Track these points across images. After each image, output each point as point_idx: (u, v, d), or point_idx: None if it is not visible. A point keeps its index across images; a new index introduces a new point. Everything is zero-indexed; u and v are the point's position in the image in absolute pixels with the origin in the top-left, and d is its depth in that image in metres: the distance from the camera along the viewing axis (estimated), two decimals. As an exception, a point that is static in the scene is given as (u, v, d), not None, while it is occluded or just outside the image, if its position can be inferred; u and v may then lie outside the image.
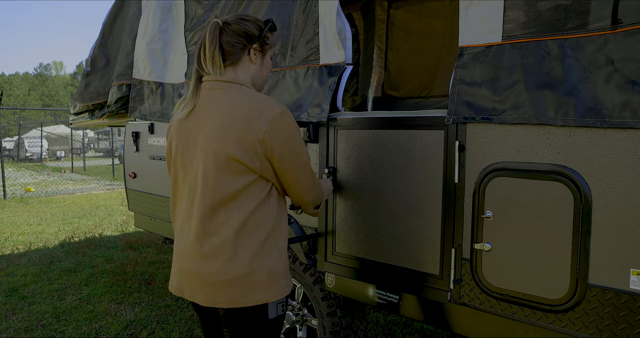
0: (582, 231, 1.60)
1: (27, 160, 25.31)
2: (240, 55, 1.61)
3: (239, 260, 1.54)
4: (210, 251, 1.55)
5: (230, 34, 1.59)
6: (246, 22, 1.62)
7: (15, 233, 7.17)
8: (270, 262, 1.58)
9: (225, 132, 1.51)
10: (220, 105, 1.54)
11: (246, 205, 1.54)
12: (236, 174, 1.52)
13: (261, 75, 1.70)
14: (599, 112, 1.52)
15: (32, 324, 3.81)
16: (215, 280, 1.55)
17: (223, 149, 1.50)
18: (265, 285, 1.57)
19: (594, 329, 1.61)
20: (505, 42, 1.74)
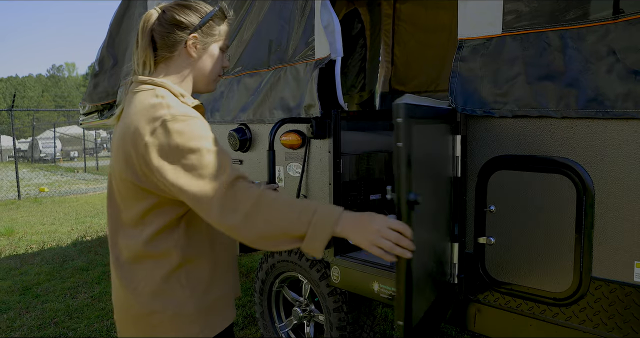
0: (585, 223, 1.58)
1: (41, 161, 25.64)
2: (175, 47, 1.36)
3: (139, 295, 1.33)
4: (117, 280, 1.38)
5: (163, 23, 1.35)
6: (184, 8, 1.37)
7: (29, 233, 7.28)
8: (174, 303, 1.32)
9: (118, 148, 1.29)
10: (125, 114, 1.31)
11: (145, 233, 1.30)
12: (133, 195, 1.29)
13: (205, 71, 1.41)
14: (601, 103, 1.50)
15: (45, 322, 3.87)
16: (122, 315, 1.39)
17: (117, 167, 1.30)
18: (168, 329, 1.33)
19: (598, 322, 1.60)
20: (505, 34, 1.72)
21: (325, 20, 2.32)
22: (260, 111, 2.77)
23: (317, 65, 2.38)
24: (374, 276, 2.32)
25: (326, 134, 2.40)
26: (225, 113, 3.06)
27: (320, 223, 1.19)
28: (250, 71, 2.89)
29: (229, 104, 3.03)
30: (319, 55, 2.40)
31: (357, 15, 4.98)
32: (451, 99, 1.85)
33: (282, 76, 2.63)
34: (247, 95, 2.88)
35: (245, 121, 2.89)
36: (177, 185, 1.20)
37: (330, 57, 2.33)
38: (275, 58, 2.70)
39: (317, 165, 2.48)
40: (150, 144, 1.21)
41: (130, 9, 4.27)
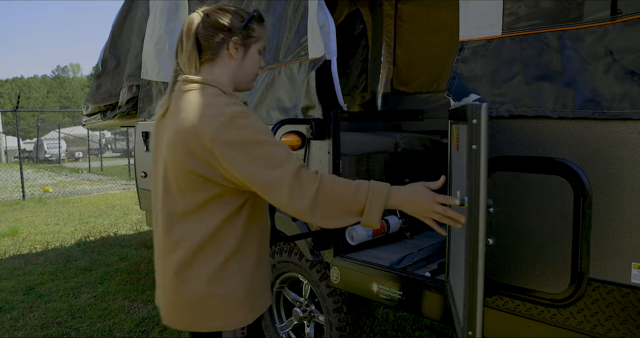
0: (583, 225, 1.58)
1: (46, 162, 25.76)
2: (218, 49, 1.44)
3: (195, 282, 1.41)
4: (171, 268, 1.44)
5: (207, 27, 1.42)
6: (226, 12, 1.45)
7: (33, 233, 7.31)
8: (228, 288, 1.42)
9: (177, 141, 1.35)
10: (180, 109, 1.39)
11: (206, 223, 1.39)
12: (195, 186, 1.36)
13: (245, 72, 1.51)
14: (598, 103, 1.50)
15: (48, 321, 3.89)
16: (174, 300, 1.45)
17: (177, 159, 1.36)
18: (222, 312, 1.43)
19: (595, 323, 1.59)
20: (505, 35, 1.72)
21: (321, 20, 2.33)
22: (257, 112, 2.77)
23: (313, 66, 2.38)
24: (373, 277, 2.33)
25: (326, 134, 2.41)
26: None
27: (375, 196, 1.33)
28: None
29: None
30: (312, 55, 2.41)
31: (359, 16, 4.99)
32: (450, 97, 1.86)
33: (277, 76, 2.64)
34: (245, 96, 2.88)
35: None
36: (248, 175, 1.30)
37: (325, 57, 2.33)
38: (269, 58, 2.71)
39: (317, 166, 2.48)
40: (217, 138, 1.29)
41: (132, 10, 4.29)
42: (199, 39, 1.43)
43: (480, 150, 1.29)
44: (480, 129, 1.28)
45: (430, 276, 2.16)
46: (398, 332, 3.53)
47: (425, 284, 2.13)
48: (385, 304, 2.31)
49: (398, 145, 2.99)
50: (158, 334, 3.59)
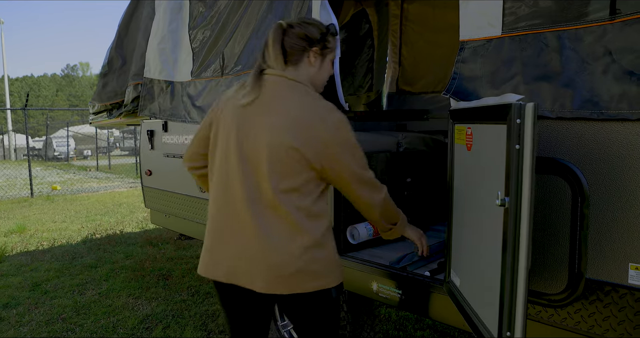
0: (580, 225, 1.58)
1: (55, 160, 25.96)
2: (300, 57, 1.68)
3: (302, 249, 1.59)
4: (276, 240, 1.59)
5: (292, 37, 1.66)
6: (308, 25, 1.69)
7: (40, 230, 7.38)
8: (328, 253, 1.66)
9: (294, 128, 1.56)
10: (288, 101, 1.61)
11: (308, 198, 1.62)
12: (300, 168, 1.58)
13: (319, 78, 1.75)
14: (596, 103, 1.50)
15: (53, 317, 3.93)
16: (281, 269, 1.59)
17: (290, 143, 1.55)
18: (325, 272, 1.65)
19: (592, 323, 1.59)
20: (504, 35, 1.72)
21: (323, 20, 2.34)
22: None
23: None
24: (373, 276, 2.33)
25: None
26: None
27: (403, 217, 1.89)
28: (249, 70, 2.90)
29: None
30: None
31: (365, 16, 4.99)
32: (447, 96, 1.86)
33: None
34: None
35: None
36: (349, 170, 1.63)
37: None
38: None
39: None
40: (334, 136, 1.58)
41: (138, 9, 4.32)
42: (285, 46, 1.66)
43: (525, 150, 1.29)
44: (526, 129, 1.30)
45: (430, 275, 2.16)
46: (400, 332, 3.53)
47: (424, 283, 2.13)
48: (385, 303, 2.31)
49: (400, 145, 2.99)
50: (161, 331, 3.62)
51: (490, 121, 1.47)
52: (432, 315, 2.13)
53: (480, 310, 1.61)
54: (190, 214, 3.76)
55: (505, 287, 1.36)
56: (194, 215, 3.71)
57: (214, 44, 3.25)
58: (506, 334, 1.36)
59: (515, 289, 1.34)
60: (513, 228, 1.33)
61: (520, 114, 1.30)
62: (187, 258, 5.52)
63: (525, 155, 1.30)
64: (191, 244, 6.13)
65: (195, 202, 3.67)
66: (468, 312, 1.73)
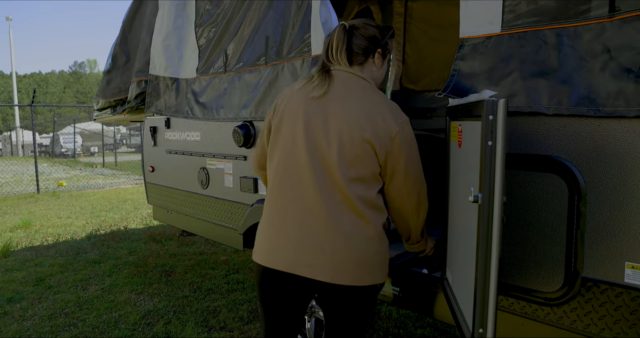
0: (577, 223, 1.57)
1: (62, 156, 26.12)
2: (365, 57, 1.73)
3: (366, 241, 1.63)
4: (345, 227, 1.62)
5: (360, 38, 1.72)
6: (372, 27, 1.75)
7: (46, 226, 7.43)
8: (384, 246, 1.70)
9: (365, 121, 1.62)
10: (359, 96, 1.67)
11: (372, 190, 1.66)
12: (367, 160, 1.63)
13: (378, 77, 1.81)
14: (593, 101, 1.49)
15: (56, 312, 3.96)
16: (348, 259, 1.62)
17: (362, 135, 1.61)
18: (380, 267, 1.69)
19: (588, 322, 1.58)
20: (504, 33, 1.72)
21: (323, 17, 2.34)
22: (261, 108, 2.79)
23: (315, 62, 2.39)
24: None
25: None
26: (229, 110, 3.10)
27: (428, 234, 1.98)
28: (249, 68, 2.92)
29: (232, 100, 3.06)
30: (315, 52, 2.41)
31: (369, 14, 4.98)
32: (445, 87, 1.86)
33: (280, 73, 2.65)
34: (248, 92, 2.90)
35: (248, 118, 2.92)
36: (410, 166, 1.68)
37: None
38: (272, 54, 2.72)
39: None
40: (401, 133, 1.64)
41: (142, 7, 4.33)
42: (353, 47, 1.71)
43: (496, 146, 1.29)
44: (498, 125, 1.29)
45: (427, 273, 2.16)
46: (400, 330, 3.53)
47: (421, 281, 2.13)
48: (383, 300, 2.31)
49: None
50: (162, 327, 3.63)
51: (471, 118, 1.47)
52: (429, 312, 2.13)
53: (463, 306, 1.61)
54: (192, 211, 3.78)
55: (478, 283, 1.35)
56: (196, 211, 3.73)
57: (218, 42, 3.26)
58: (479, 331, 1.35)
59: (487, 286, 1.33)
60: (485, 225, 1.32)
61: (493, 110, 1.29)
62: (190, 255, 5.54)
63: (497, 152, 1.29)
64: (194, 241, 6.15)
65: (197, 199, 3.68)
66: (455, 309, 1.73)
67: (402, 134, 1.64)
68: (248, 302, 4.03)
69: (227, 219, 3.32)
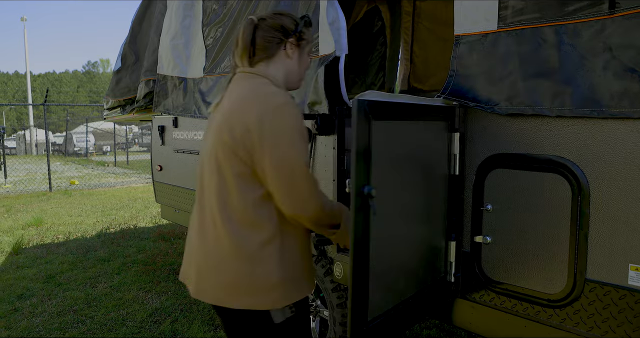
0: (580, 224, 1.55)
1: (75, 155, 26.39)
2: (275, 49, 1.57)
3: (231, 259, 1.46)
4: (210, 245, 1.50)
5: (266, 29, 1.57)
6: (282, 16, 1.60)
7: (57, 224, 7.51)
8: (263, 270, 1.45)
9: (225, 121, 1.46)
10: (236, 95, 1.51)
11: (243, 201, 1.45)
12: (232, 166, 1.44)
13: (297, 71, 1.64)
14: (596, 101, 1.47)
15: (65, 309, 4.00)
16: (209, 276, 1.51)
17: (222, 139, 1.46)
18: (258, 292, 1.46)
19: (591, 325, 1.57)
20: (500, 30, 1.70)
21: (331, 17, 2.33)
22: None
23: (322, 62, 2.39)
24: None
25: (331, 130, 2.41)
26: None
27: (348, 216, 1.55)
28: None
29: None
30: (323, 52, 2.41)
31: (378, 13, 4.97)
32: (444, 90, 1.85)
33: None
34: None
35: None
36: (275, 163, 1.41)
37: (335, 53, 2.33)
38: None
39: (322, 161, 2.49)
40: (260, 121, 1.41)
41: (151, 7, 4.36)
42: (257, 40, 1.56)
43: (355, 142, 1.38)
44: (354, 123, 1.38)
45: None
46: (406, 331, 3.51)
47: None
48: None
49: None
50: (169, 325, 3.65)
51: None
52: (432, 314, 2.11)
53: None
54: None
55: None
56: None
57: (225, 41, 3.27)
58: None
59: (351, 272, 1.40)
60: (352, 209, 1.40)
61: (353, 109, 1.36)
62: (198, 254, 5.57)
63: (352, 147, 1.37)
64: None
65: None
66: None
67: (265, 123, 1.39)
68: (254, 301, 4.04)
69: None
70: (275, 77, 1.56)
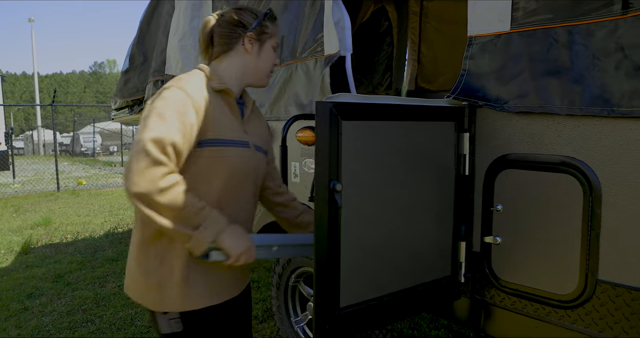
0: (592, 225, 1.55)
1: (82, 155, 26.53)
2: (232, 45, 1.53)
3: (130, 257, 1.52)
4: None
5: (224, 24, 1.54)
6: (241, 11, 1.56)
7: (65, 224, 7.56)
8: (146, 271, 1.45)
9: None
10: None
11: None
12: None
13: (260, 67, 1.58)
14: (607, 101, 1.46)
15: (74, 308, 4.02)
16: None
17: None
18: (144, 290, 1.47)
19: (604, 326, 1.56)
20: (513, 31, 1.70)
21: (336, 17, 2.34)
22: (276, 108, 2.80)
23: (328, 62, 2.39)
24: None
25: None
26: (244, 109, 3.11)
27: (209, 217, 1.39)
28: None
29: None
30: (328, 52, 2.41)
31: (385, 13, 4.96)
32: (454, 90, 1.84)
33: (294, 72, 2.66)
34: (262, 91, 2.92)
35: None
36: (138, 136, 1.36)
37: (340, 53, 2.34)
38: (286, 54, 2.73)
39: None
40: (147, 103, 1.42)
41: (159, 7, 4.38)
42: (214, 37, 1.55)
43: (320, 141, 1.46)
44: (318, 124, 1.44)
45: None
46: (414, 331, 3.51)
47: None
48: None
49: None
50: (177, 324, 3.67)
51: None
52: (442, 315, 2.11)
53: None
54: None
55: None
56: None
57: (233, 42, 3.28)
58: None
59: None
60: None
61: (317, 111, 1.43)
62: (206, 254, 5.59)
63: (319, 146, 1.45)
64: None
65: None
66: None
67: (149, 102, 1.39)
68: (262, 301, 4.05)
69: (242, 218, 3.33)
70: (223, 74, 1.52)
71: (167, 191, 1.27)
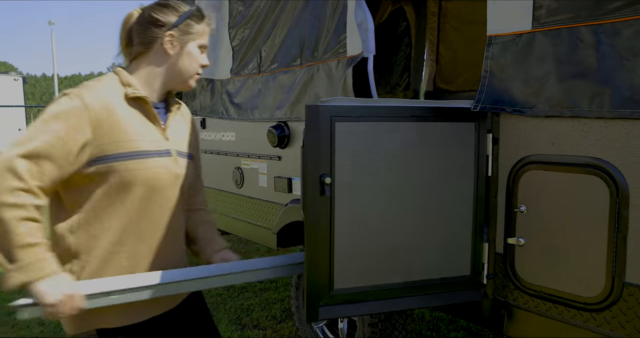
0: (619, 227, 1.53)
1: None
2: (151, 44, 1.43)
3: None
4: None
5: (141, 22, 1.43)
6: (162, 8, 1.44)
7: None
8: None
9: None
10: None
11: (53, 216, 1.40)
12: None
13: (181, 69, 1.47)
14: (637, 102, 1.44)
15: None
16: None
17: None
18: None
19: (631, 330, 1.54)
20: (535, 30, 1.68)
21: (359, 18, 2.34)
22: (296, 109, 2.82)
23: (350, 63, 2.40)
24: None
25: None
26: (263, 110, 3.13)
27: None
28: (284, 68, 2.94)
29: (266, 101, 3.10)
30: (350, 53, 2.42)
31: (403, 14, 4.95)
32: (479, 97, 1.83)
33: (315, 73, 2.67)
34: (282, 92, 2.93)
35: (283, 118, 2.95)
36: None
37: (363, 54, 2.34)
38: (308, 55, 2.75)
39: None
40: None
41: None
42: (132, 34, 1.45)
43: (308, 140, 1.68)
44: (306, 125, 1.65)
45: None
46: (433, 332, 3.50)
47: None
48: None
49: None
50: (197, 323, 3.70)
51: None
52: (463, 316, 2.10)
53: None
54: (226, 210, 3.84)
55: None
56: (230, 210, 3.79)
57: (252, 42, 3.30)
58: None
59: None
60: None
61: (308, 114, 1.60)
62: (224, 253, 5.63)
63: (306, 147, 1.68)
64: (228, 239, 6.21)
65: (231, 198, 3.74)
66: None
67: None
68: (280, 301, 4.06)
69: (261, 218, 3.35)
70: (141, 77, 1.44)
71: (7, 208, 1.19)
